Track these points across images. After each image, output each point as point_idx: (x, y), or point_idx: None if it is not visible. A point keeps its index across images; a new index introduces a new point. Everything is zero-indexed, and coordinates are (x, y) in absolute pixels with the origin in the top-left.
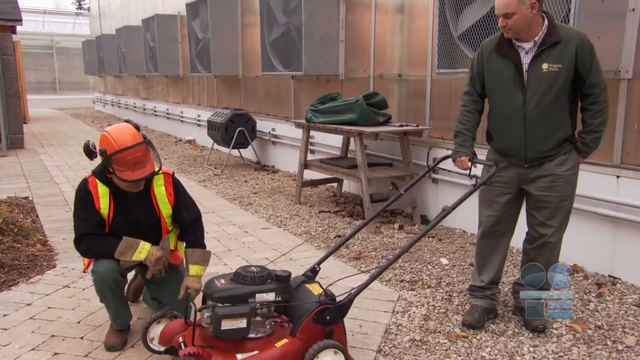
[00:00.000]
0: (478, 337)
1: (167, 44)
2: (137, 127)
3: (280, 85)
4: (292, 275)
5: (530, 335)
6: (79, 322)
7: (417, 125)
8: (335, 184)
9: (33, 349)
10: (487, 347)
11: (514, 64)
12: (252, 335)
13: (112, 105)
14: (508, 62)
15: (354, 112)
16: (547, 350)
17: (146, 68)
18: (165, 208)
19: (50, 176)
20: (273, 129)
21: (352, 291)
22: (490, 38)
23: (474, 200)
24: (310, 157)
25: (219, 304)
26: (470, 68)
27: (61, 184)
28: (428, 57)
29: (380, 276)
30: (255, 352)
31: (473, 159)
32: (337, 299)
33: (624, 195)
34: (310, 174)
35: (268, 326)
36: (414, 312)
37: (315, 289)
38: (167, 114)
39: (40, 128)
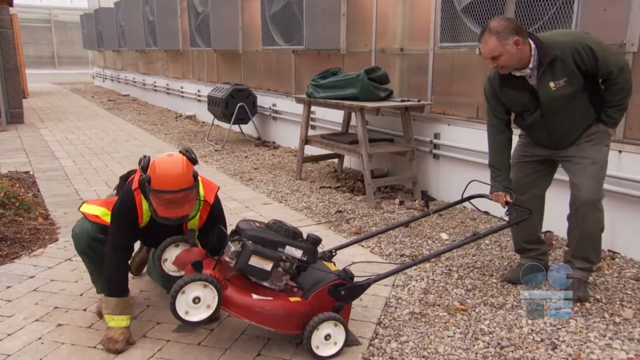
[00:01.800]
0: (477, 310)
1: (166, 17)
2: (193, 160)
3: (281, 59)
4: None
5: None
6: (81, 295)
7: (419, 100)
8: (336, 160)
9: (37, 320)
10: (485, 319)
11: (525, 91)
12: (267, 284)
13: (112, 80)
14: (519, 91)
15: (355, 87)
16: (545, 323)
17: (145, 42)
18: (192, 225)
19: (51, 151)
20: (274, 104)
21: (372, 277)
22: (492, 71)
23: (473, 178)
24: (311, 132)
25: (250, 241)
26: (486, 100)
27: (62, 159)
28: (430, 31)
29: (381, 250)
30: (270, 298)
31: (510, 196)
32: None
33: (625, 170)
34: (311, 150)
35: (284, 282)
36: (414, 286)
37: (331, 267)
38: (167, 89)
39: (39, 103)
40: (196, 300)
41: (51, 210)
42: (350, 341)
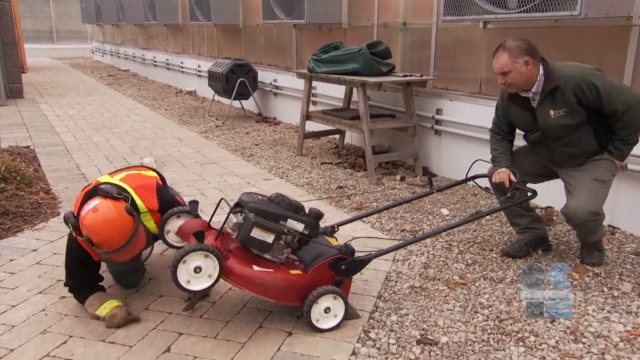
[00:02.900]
0: (477, 285)
1: None
2: (116, 198)
3: (282, 34)
4: None
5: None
6: None
7: (421, 76)
8: (337, 136)
9: (40, 292)
10: (485, 293)
11: (527, 111)
12: (268, 257)
13: (111, 55)
14: (522, 110)
15: (356, 61)
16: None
17: (145, 16)
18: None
19: (51, 126)
20: (274, 80)
21: (373, 252)
22: (503, 88)
23: (475, 154)
24: (312, 108)
25: (252, 214)
26: (496, 111)
27: (62, 134)
28: (434, 4)
29: (382, 225)
30: (271, 270)
31: (515, 177)
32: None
33: None
34: (312, 126)
35: (285, 255)
36: (414, 261)
37: (333, 242)
38: (167, 64)
39: (38, 78)
40: (197, 269)
41: (52, 185)
42: (350, 315)
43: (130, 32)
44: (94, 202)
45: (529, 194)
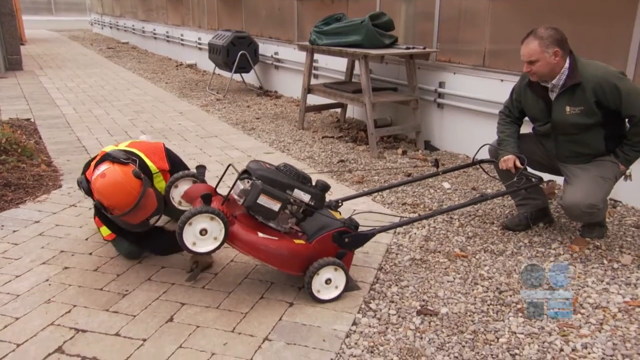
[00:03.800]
0: (477, 257)
1: None
2: (123, 162)
3: (283, 5)
4: None
5: (529, 254)
6: (87, 239)
7: (424, 48)
8: (339, 110)
9: (44, 263)
10: (485, 265)
11: (543, 101)
12: (272, 225)
13: (111, 27)
14: (538, 98)
15: (359, 33)
16: (545, 269)
17: None
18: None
19: (51, 98)
20: (276, 53)
21: (377, 227)
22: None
23: (478, 128)
24: (313, 81)
25: (259, 181)
26: (511, 94)
27: (62, 107)
28: None
29: (383, 199)
30: (275, 238)
31: (521, 161)
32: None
33: None
34: (313, 99)
35: (289, 225)
36: (415, 233)
37: (337, 216)
38: (167, 36)
39: (37, 50)
40: (203, 232)
41: (54, 157)
42: (350, 287)
43: (129, 3)
44: (103, 167)
45: (534, 180)
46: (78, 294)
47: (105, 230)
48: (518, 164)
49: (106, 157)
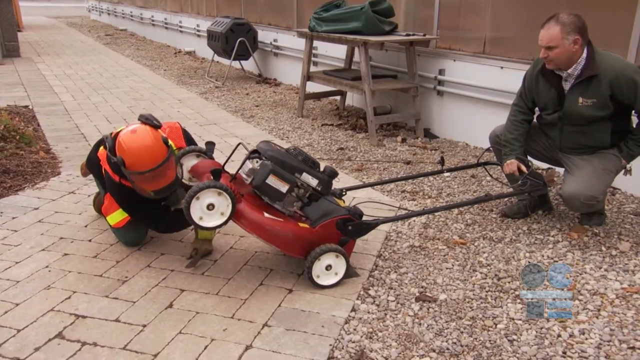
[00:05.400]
0: (476, 244)
1: None
2: (156, 126)
3: None
4: None
5: (527, 241)
6: (86, 226)
7: (424, 35)
8: (338, 97)
9: (43, 250)
10: (484, 252)
11: (555, 90)
12: (278, 207)
13: (109, 14)
14: (550, 86)
15: (359, 20)
16: (543, 256)
17: None
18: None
19: (49, 85)
20: (275, 40)
21: (381, 218)
22: (539, 57)
23: (478, 115)
24: (313, 69)
25: (269, 161)
26: (523, 81)
27: (61, 94)
28: None
29: (382, 186)
30: (280, 219)
31: (525, 166)
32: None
33: None
34: (313, 87)
35: (294, 209)
36: (414, 221)
37: (341, 204)
38: (166, 23)
39: (35, 37)
40: (210, 206)
41: (52, 145)
42: (349, 274)
43: None
44: (134, 125)
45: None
46: (78, 280)
47: (115, 217)
48: (522, 168)
49: (139, 118)
